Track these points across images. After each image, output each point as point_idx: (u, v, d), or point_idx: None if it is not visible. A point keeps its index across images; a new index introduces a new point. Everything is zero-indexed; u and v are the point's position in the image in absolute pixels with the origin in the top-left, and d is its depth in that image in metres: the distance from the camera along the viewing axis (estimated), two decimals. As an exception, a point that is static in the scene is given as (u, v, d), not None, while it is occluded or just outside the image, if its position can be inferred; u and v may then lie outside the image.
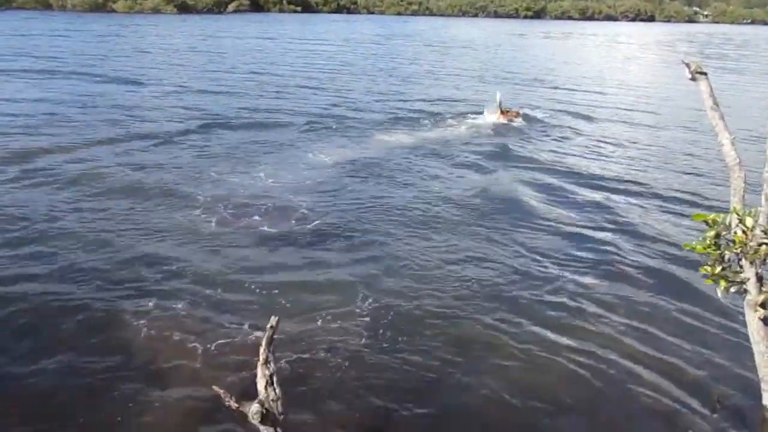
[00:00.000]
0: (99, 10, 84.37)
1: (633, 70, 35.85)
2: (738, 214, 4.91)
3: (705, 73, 5.35)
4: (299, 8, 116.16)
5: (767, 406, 5.20)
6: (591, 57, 43.75)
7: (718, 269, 5.00)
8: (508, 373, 5.72)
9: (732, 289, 5.02)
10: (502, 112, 16.92)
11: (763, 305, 5.02)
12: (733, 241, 4.87)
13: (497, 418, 5.19)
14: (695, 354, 6.09)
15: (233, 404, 4.03)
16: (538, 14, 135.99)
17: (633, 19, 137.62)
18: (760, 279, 4.99)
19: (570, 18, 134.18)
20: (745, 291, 5.03)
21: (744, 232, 4.85)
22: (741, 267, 5.00)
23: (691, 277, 7.43)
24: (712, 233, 4.90)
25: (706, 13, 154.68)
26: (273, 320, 4.10)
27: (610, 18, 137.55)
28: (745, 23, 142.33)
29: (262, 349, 4.11)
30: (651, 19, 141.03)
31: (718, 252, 4.97)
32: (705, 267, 5.05)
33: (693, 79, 5.39)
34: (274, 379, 4.16)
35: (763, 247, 4.79)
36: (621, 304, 7.09)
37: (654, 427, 5.16)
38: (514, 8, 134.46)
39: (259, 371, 4.14)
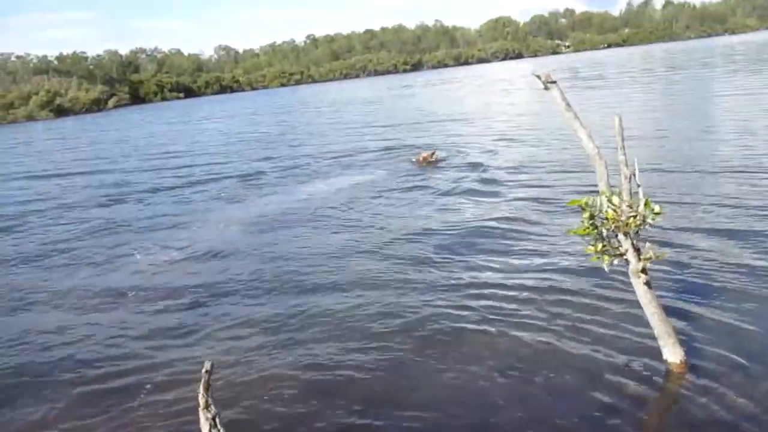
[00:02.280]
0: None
1: (510, 100, 38.36)
2: (606, 195, 5.57)
3: (555, 81, 6.09)
4: (181, 94, 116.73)
5: (668, 360, 5.79)
6: (472, 95, 46.51)
7: (600, 247, 5.62)
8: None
9: (615, 261, 5.65)
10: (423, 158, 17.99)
11: (644, 271, 5.67)
12: (606, 219, 5.51)
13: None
14: (599, 328, 6.67)
15: (179, 454, 4.12)
16: (416, 66, 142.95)
17: (503, 59, 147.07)
18: (636, 249, 5.64)
19: (446, 65, 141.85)
20: (627, 261, 5.66)
21: (614, 210, 5.51)
22: (619, 241, 5.65)
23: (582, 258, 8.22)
24: (587, 215, 5.53)
25: (567, 43, 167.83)
26: (207, 365, 4.26)
27: (482, 60, 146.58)
28: (602, 48, 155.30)
29: (200, 395, 4.26)
30: (519, 56, 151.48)
31: (596, 231, 5.60)
32: (588, 247, 5.68)
33: (546, 88, 6.13)
34: (217, 421, 4.30)
35: (632, 219, 5.46)
36: (525, 291, 7.65)
37: (573, 404, 5.56)
38: (392, 64, 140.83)
39: (201, 416, 4.27)
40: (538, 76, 6.06)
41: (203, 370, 4.24)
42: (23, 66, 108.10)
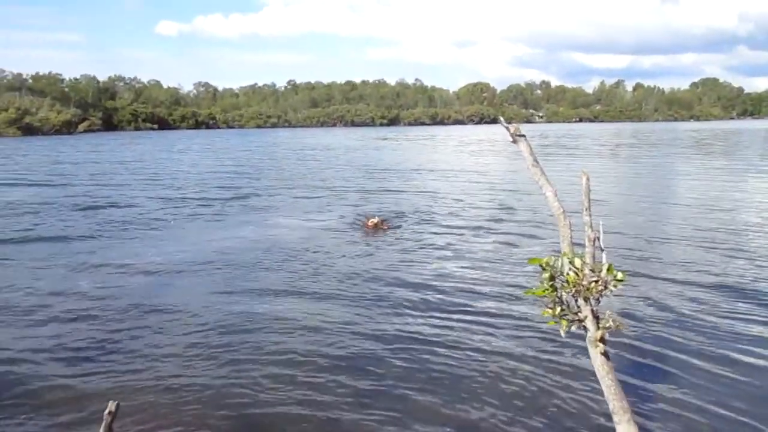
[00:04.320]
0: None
1: (482, 161, 38.79)
2: (568, 257, 5.29)
3: (524, 135, 5.90)
4: (155, 126, 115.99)
5: (621, 438, 5.43)
6: (445, 153, 46.94)
7: (558, 310, 5.30)
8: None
9: (573, 328, 5.32)
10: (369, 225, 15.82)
11: (602, 340, 5.35)
12: (567, 282, 5.21)
13: None
14: (551, 398, 6.29)
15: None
16: (393, 121, 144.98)
17: (478, 122, 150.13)
18: (596, 316, 5.34)
19: (422, 123, 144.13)
20: (585, 328, 5.35)
21: (575, 273, 5.22)
22: (578, 306, 5.34)
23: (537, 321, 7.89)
24: (547, 275, 5.23)
25: (540, 114, 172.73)
26: (111, 405, 3.76)
27: (458, 122, 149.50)
28: (574, 121, 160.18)
29: (99, 440, 3.74)
30: (494, 121, 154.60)
31: (555, 294, 5.29)
32: (546, 309, 5.35)
33: (514, 141, 5.92)
34: (115, 472, 3.78)
35: (593, 284, 5.18)
36: (478, 350, 7.24)
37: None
38: (370, 117, 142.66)
39: (97, 466, 3.75)
40: (507, 127, 5.87)
41: (106, 411, 3.74)
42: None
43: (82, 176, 30.93)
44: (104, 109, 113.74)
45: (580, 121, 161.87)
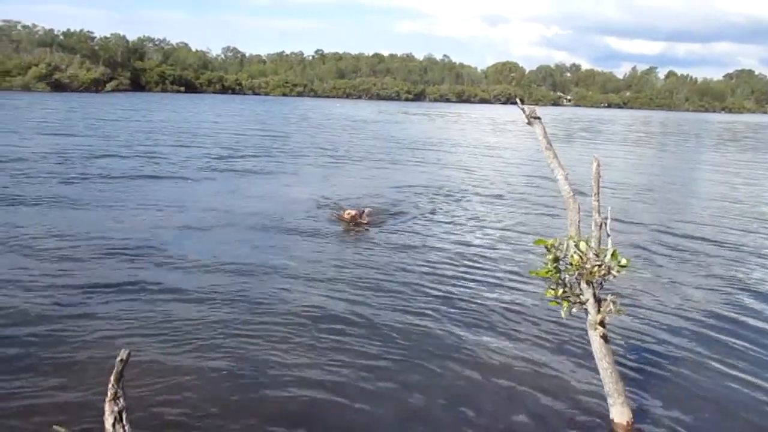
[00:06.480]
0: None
1: (506, 142, 38.60)
2: (574, 240, 5.38)
3: (539, 118, 5.95)
4: (182, 88, 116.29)
5: (614, 420, 5.56)
6: (467, 132, 46.76)
7: (560, 292, 5.41)
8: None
9: (574, 310, 5.44)
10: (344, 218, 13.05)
11: (602, 324, 5.46)
12: (571, 265, 5.31)
13: None
14: (550, 377, 6.42)
15: (77, 446, 3.81)
16: (418, 96, 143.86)
17: (505, 102, 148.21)
18: (597, 299, 5.44)
19: (448, 100, 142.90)
20: (586, 311, 5.46)
21: (579, 256, 5.31)
22: (581, 289, 5.44)
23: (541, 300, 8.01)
24: (551, 257, 5.33)
25: (569, 97, 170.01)
26: (123, 353, 3.95)
27: (484, 101, 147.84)
28: (602, 106, 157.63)
29: (110, 385, 3.94)
30: (521, 101, 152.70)
31: (558, 275, 5.40)
32: (549, 290, 5.47)
33: (529, 123, 5.97)
34: (123, 415, 3.98)
35: (596, 268, 5.27)
36: (476, 327, 7.38)
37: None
38: (395, 91, 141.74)
39: (107, 408, 3.95)
40: (523, 109, 5.92)
41: (118, 359, 3.94)
42: (28, 36, 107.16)
43: (117, 132, 31.42)
44: (132, 69, 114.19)
45: (609, 106, 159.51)
